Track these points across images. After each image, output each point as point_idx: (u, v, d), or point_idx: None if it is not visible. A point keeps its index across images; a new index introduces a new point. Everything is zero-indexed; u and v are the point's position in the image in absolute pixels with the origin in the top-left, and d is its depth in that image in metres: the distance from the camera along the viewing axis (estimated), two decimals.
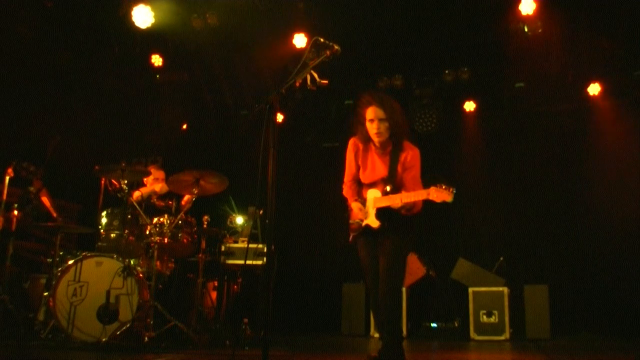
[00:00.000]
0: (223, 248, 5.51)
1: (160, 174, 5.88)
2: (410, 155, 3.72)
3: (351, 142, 3.88)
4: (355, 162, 3.87)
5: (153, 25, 6.77)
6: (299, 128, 8.69)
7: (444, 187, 3.33)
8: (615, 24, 6.65)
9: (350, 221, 3.83)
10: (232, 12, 6.93)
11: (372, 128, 3.67)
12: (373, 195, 3.73)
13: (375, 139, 3.71)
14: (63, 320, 4.51)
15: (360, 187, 3.88)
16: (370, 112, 3.67)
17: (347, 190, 3.93)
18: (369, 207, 3.74)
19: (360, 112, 3.73)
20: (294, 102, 8.06)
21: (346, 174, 3.93)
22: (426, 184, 3.50)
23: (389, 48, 7.39)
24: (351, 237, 3.84)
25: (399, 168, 3.70)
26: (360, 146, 3.83)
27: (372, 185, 3.77)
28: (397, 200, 3.54)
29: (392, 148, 3.74)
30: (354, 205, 3.81)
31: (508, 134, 7.99)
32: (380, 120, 3.64)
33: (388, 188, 3.66)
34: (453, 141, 8.23)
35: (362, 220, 3.75)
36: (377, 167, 3.77)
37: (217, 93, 8.41)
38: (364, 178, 3.82)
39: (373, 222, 3.69)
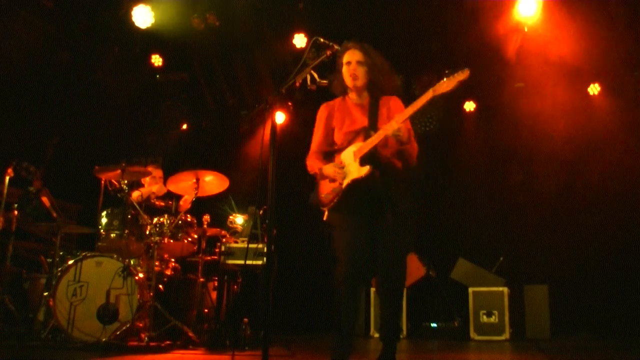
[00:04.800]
0: (223, 248, 5.51)
1: (158, 172, 5.89)
2: (392, 103, 3.36)
3: (321, 108, 3.44)
4: (324, 126, 3.41)
5: (153, 25, 6.78)
6: (299, 128, 8.68)
7: (449, 72, 2.93)
8: (616, 23, 6.65)
9: (323, 195, 3.27)
10: (232, 12, 6.93)
11: (347, 70, 3.30)
12: (352, 150, 3.20)
13: (351, 83, 3.31)
14: (63, 320, 4.51)
15: (330, 156, 3.35)
16: (348, 56, 3.32)
17: (312, 161, 3.38)
18: (348, 164, 3.19)
19: (338, 60, 3.35)
20: (294, 102, 8.05)
21: (313, 142, 3.44)
22: None
23: (389, 48, 7.38)
24: (326, 214, 3.26)
25: (380, 117, 3.27)
26: (335, 105, 3.39)
27: (349, 143, 3.25)
28: (392, 125, 3.03)
29: (370, 100, 3.35)
30: (328, 168, 3.23)
31: (508, 134, 7.98)
32: (358, 62, 3.29)
33: (372, 133, 3.17)
34: (453, 141, 8.23)
35: (340, 185, 3.18)
36: (356, 119, 3.32)
37: (217, 93, 8.40)
38: (340, 136, 3.31)
39: (359, 170, 3.11)
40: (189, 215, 5.32)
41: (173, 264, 5.40)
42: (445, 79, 3.01)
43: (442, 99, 3.01)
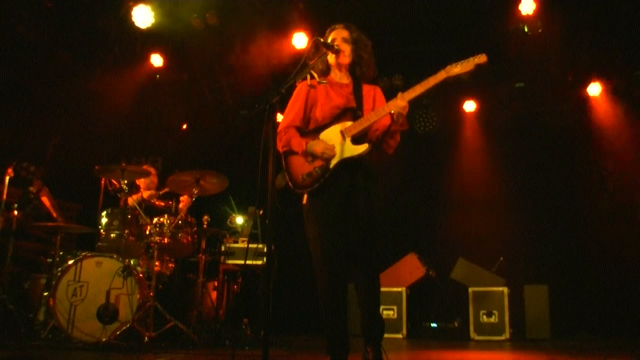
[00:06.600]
0: (223, 248, 5.51)
1: (152, 170, 5.90)
2: (377, 94, 3.24)
3: (302, 84, 3.18)
4: (304, 102, 3.19)
5: (153, 25, 6.78)
6: None
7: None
8: (616, 24, 6.65)
9: (300, 176, 3.06)
10: (232, 12, 6.93)
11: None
12: (338, 129, 3.03)
13: (334, 60, 3.21)
14: (63, 320, 4.51)
15: (307, 135, 3.14)
16: (333, 34, 3.26)
17: (291, 136, 3.09)
18: (335, 142, 3.00)
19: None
20: None
21: (287, 117, 3.19)
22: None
23: (389, 48, 7.39)
24: (305, 198, 3.09)
25: (366, 101, 3.14)
26: (316, 83, 3.17)
27: (333, 120, 3.08)
28: (397, 103, 2.83)
29: (352, 81, 3.25)
30: (317, 144, 3.00)
31: (508, 134, 7.98)
32: (343, 39, 3.21)
33: (359, 113, 3.02)
34: (453, 141, 8.23)
35: (327, 163, 2.98)
36: (341, 97, 3.17)
37: (217, 93, 8.40)
38: (323, 111, 3.13)
39: (353, 149, 2.94)
40: (189, 215, 5.32)
41: (173, 264, 5.40)
42: (460, 62, 2.88)
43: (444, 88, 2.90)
